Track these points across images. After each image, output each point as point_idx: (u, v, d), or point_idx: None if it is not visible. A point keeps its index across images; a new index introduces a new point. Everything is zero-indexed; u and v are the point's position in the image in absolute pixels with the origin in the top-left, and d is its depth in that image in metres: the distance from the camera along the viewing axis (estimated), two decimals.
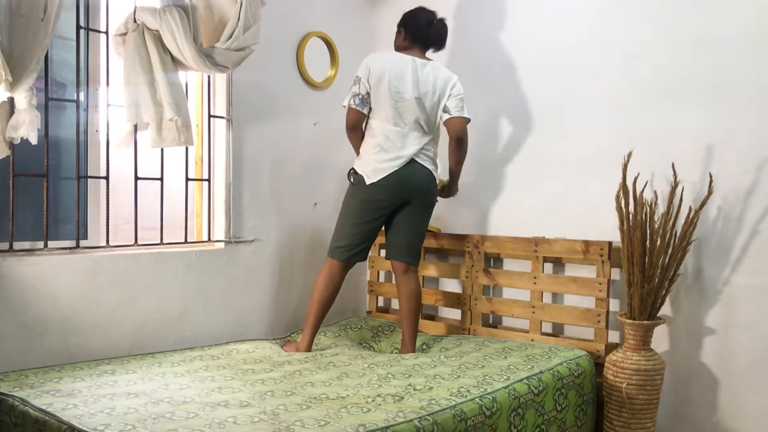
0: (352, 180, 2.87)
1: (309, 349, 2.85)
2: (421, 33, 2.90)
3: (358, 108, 2.80)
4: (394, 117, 2.79)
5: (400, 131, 2.79)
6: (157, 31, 2.62)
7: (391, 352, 3.00)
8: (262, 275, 3.21)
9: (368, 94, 2.79)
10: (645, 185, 2.68)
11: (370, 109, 2.82)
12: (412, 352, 2.86)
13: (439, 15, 2.96)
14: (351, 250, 2.87)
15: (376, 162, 2.79)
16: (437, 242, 3.33)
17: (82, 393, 2.07)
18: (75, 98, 2.64)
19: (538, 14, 3.10)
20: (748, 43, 2.53)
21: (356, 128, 2.86)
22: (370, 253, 3.30)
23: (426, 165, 2.85)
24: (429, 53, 2.97)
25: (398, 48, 2.95)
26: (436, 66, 2.89)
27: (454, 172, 3.00)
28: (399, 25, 2.97)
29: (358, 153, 2.92)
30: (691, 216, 2.51)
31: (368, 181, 2.79)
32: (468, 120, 2.88)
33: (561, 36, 3.02)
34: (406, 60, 2.84)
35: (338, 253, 2.88)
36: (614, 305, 2.85)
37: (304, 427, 1.77)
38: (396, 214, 2.90)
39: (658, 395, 2.55)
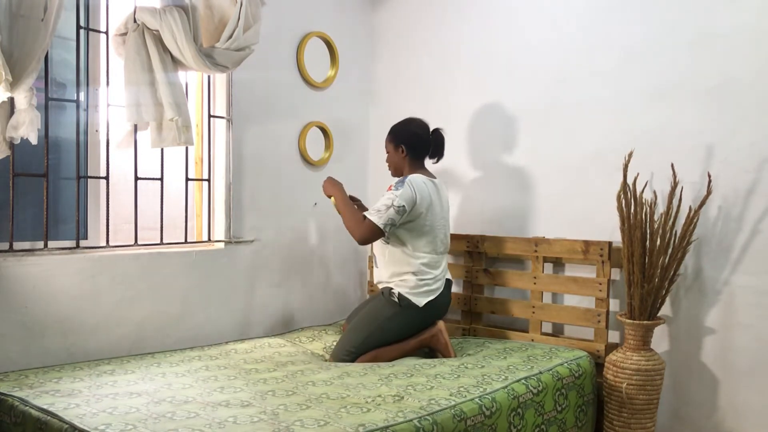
0: (398, 301, 2.72)
1: None
2: (426, 148, 2.86)
3: (385, 231, 2.67)
4: (437, 244, 2.77)
5: (442, 257, 2.81)
6: (157, 31, 2.62)
7: None
8: (262, 275, 3.21)
9: (398, 223, 2.69)
10: (645, 185, 2.68)
11: (399, 230, 2.72)
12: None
13: (433, 124, 2.89)
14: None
15: (425, 286, 2.72)
16: None
17: (82, 393, 2.07)
18: (75, 98, 2.64)
19: (539, 13, 3.10)
20: (748, 42, 2.53)
21: (367, 244, 2.78)
22: (369, 254, 3.31)
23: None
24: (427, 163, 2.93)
25: (399, 164, 2.86)
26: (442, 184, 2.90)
27: None
28: (396, 142, 2.85)
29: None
30: (691, 216, 2.51)
31: (418, 304, 2.71)
32: None
33: (561, 35, 3.02)
34: (433, 184, 2.79)
35: (349, 356, 2.69)
36: (614, 305, 2.85)
37: (303, 427, 1.77)
38: None
39: (658, 395, 2.55)
